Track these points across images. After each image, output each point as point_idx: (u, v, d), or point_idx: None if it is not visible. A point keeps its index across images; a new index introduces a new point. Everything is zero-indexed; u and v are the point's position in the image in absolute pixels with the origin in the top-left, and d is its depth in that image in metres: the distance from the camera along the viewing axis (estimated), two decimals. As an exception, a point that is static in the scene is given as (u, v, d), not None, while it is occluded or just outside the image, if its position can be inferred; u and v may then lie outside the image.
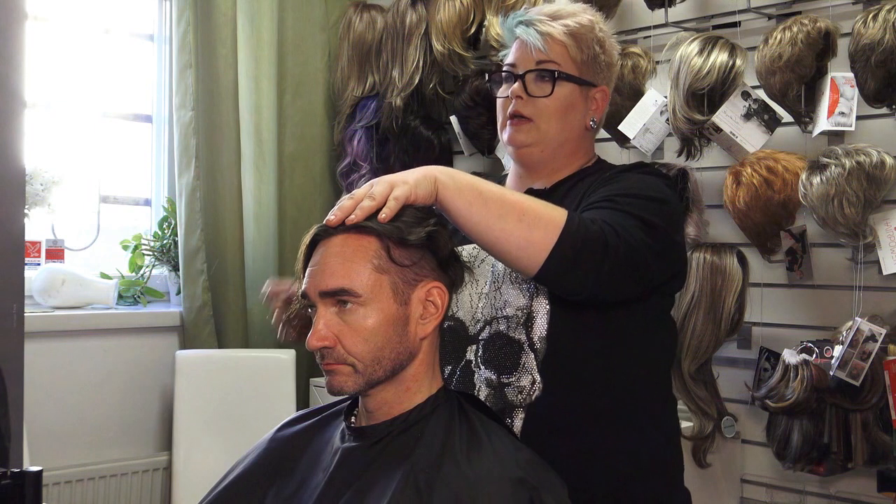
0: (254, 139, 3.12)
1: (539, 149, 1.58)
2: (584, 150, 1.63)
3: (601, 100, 1.61)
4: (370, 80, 3.20)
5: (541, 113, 1.56)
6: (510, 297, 1.50)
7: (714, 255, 2.34)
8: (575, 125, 1.59)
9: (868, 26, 2.12)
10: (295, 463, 1.33)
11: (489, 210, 1.28)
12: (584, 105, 1.59)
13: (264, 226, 3.14)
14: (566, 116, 1.57)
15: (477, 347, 1.52)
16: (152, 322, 2.99)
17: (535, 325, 1.48)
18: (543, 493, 1.19)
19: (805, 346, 2.22)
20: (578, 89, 1.58)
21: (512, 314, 1.50)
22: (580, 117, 1.59)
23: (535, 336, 1.48)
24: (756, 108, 2.30)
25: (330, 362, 1.24)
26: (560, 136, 1.58)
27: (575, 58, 1.57)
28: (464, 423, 1.27)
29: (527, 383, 1.47)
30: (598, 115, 1.62)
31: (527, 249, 1.30)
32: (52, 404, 2.74)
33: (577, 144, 1.61)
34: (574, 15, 1.58)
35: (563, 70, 1.56)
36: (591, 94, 1.60)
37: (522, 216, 1.29)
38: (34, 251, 2.81)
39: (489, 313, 1.52)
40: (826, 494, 2.34)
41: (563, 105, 1.57)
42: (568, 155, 1.60)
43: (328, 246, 1.26)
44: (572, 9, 1.60)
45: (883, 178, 2.12)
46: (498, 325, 1.51)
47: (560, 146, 1.59)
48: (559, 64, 1.56)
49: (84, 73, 2.99)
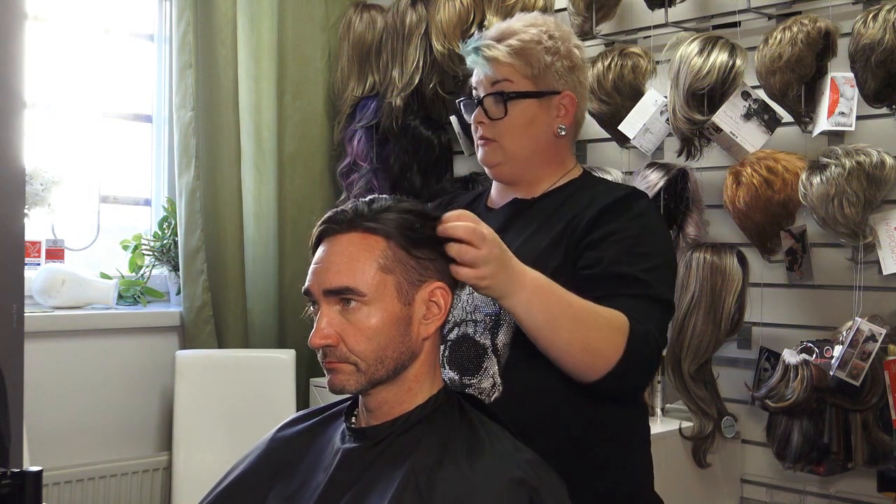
0: (254, 139, 3.12)
1: (509, 166, 1.61)
2: (560, 158, 1.64)
3: (569, 105, 1.61)
4: (370, 80, 3.20)
5: (502, 133, 1.59)
6: (480, 303, 1.53)
7: (714, 255, 2.34)
8: (541, 137, 1.60)
9: (868, 26, 2.12)
10: (295, 464, 1.33)
11: (560, 330, 1.37)
12: (546, 115, 1.60)
13: (264, 226, 3.14)
14: (528, 131, 1.59)
15: (444, 348, 1.55)
16: (152, 322, 2.99)
17: (501, 332, 1.51)
18: (544, 494, 1.18)
19: (805, 346, 2.22)
20: (536, 102, 1.59)
21: (480, 319, 1.53)
22: (544, 128, 1.60)
23: (500, 343, 1.51)
24: (756, 108, 2.30)
25: (332, 361, 1.24)
26: (527, 150, 1.60)
27: (526, 73, 1.58)
28: (464, 423, 1.27)
29: (487, 385, 1.50)
30: (567, 120, 1.62)
31: (584, 372, 1.40)
32: (52, 404, 2.74)
33: (549, 153, 1.62)
34: (518, 32, 1.59)
35: (515, 88, 1.58)
36: (556, 102, 1.60)
37: (589, 342, 1.37)
38: (34, 251, 2.80)
39: (460, 316, 1.55)
40: (826, 494, 2.34)
41: (522, 122, 1.59)
42: (543, 165, 1.62)
43: (334, 244, 1.27)
44: (521, 23, 1.61)
45: (883, 178, 2.12)
46: (466, 327, 1.54)
47: (530, 159, 1.61)
48: (513, 82, 1.58)
49: (84, 73, 2.99)
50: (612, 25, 2.71)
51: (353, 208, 1.28)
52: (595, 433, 1.51)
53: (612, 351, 1.38)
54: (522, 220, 1.60)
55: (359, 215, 1.27)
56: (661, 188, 2.40)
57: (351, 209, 1.28)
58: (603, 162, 2.74)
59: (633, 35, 2.66)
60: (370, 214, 1.26)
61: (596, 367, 1.38)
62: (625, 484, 1.55)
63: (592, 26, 2.62)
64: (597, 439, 1.51)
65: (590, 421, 1.50)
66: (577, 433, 1.50)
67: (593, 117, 2.62)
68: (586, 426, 1.50)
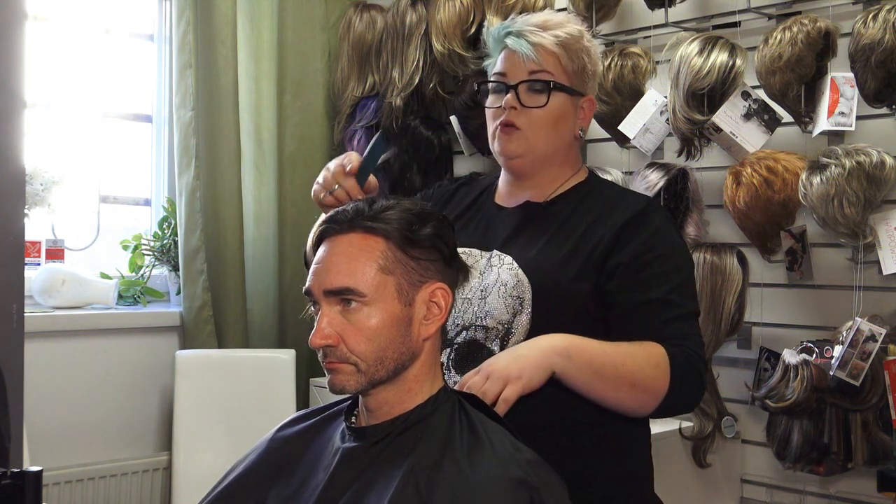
0: (254, 139, 3.12)
1: (529, 159, 1.59)
2: (572, 160, 1.65)
3: (588, 109, 1.63)
4: (370, 80, 3.20)
5: (533, 123, 1.57)
6: (493, 309, 1.52)
7: (714, 255, 2.34)
8: (565, 135, 1.60)
9: (868, 26, 2.12)
10: (295, 463, 1.33)
11: (604, 384, 1.43)
12: (573, 114, 1.60)
13: (264, 226, 3.14)
14: (557, 127, 1.58)
15: (450, 351, 1.54)
16: (152, 322, 2.99)
17: (512, 341, 1.51)
18: (544, 494, 1.18)
19: (805, 346, 2.22)
20: (570, 99, 1.59)
21: (492, 326, 1.52)
22: (570, 127, 1.61)
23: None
24: (756, 108, 2.30)
25: (332, 361, 1.24)
26: (550, 147, 1.59)
27: (566, 68, 1.57)
28: (464, 423, 1.27)
29: None
30: (586, 123, 1.64)
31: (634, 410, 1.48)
32: (52, 404, 2.74)
33: (566, 154, 1.63)
34: (562, 25, 1.59)
35: (556, 80, 1.56)
36: (580, 104, 1.61)
37: (634, 385, 1.44)
38: (34, 251, 2.80)
39: (469, 319, 1.54)
40: (826, 494, 2.34)
41: (556, 115, 1.57)
42: (558, 165, 1.62)
43: (334, 244, 1.27)
44: (559, 18, 1.61)
45: (883, 178, 2.12)
46: (475, 332, 1.53)
47: (550, 156, 1.60)
48: (552, 74, 1.56)
49: (84, 73, 2.99)
50: (612, 25, 2.71)
51: (353, 208, 1.28)
52: (595, 434, 1.51)
53: (659, 384, 1.44)
54: (535, 224, 1.58)
55: (359, 215, 1.27)
56: (661, 188, 2.40)
57: (352, 209, 1.28)
58: (603, 162, 2.74)
59: (633, 35, 2.66)
60: (370, 214, 1.26)
61: (647, 404, 1.46)
62: (624, 485, 1.55)
63: (592, 26, 2.61)
64: (597, 440, 1.51)
65: (590, 423, 1.50)
66: (577, 435, 1.50)
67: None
68: (586, 428, 1.50)
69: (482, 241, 1.60)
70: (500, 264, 1.54)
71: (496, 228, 1.62)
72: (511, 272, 1.53)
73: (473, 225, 1.64)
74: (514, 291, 1.51)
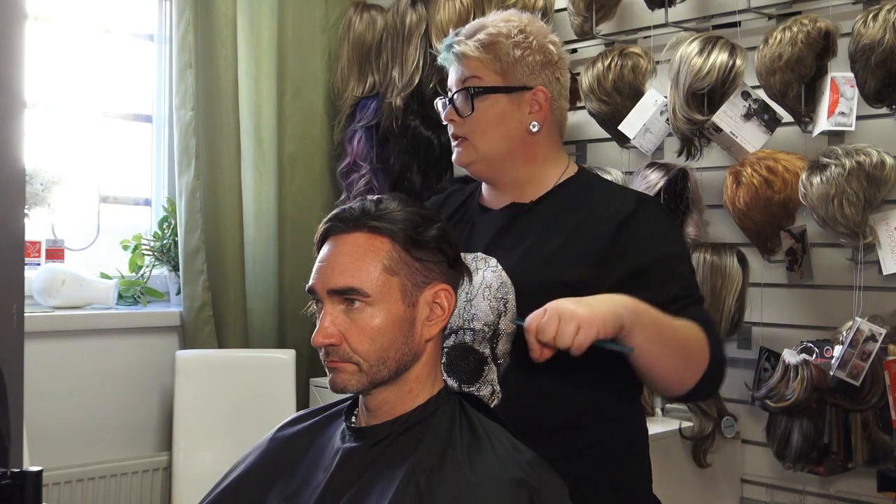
0: (254, 139, 3.12)
1: (483, 164, 1.58)
2: (541, 155, 1.59)
3: (542, 100, 1.56)
4: (370, 80, 3.20)
5: (473, 130, 1.56)
6: (479, 312, 1.51)
7: (714, 255, 2.34)
8: (512, 133, 1.56)
9: (868, 26, 2.12)
10: (295, 463, 1.33)
11: (663, 348, 1.39)
12: (518, 111, 1.55)
13: (264, 226, 3.13)
14: (497, 128, 1.55)
15: (441, 356, 1.53)
16: (152, 322, 2.99)
17: (500, 342, 1.51)
18: (544, 494, 1.18)
19: (805, 346, 2.22)
20: (506, 98, 1.55)
21: (479, 328, 1.52)
22: (516, 125, 1.56)
23: (500, 351, 1.51)
24: (756, 108, 2.30)
25: (335, 360, 1.24)
26: (500, 148, 1.56)
27: (495, 68, 1.54)
28: (465, 424, 1.27)
29: (487, 392, 1.50)
30: (541, 116, 1.56)
31: (679, 383, 1.45)
32: (52, 404, 2.73)
33: (525, 151, 1.57)
34: (488, 27, 1.56)
35: (484, 83, 1.54)
36: (527, 98, 1.56)
37: (683, 352, 1.42)
38: (34, 251, 2.80)
39: (457, 323, 1.53)
40: (826, 494, 2.34)
41: (491, 118, 1.55)
42: (521, 164, 1.58)
43: (339, 243, 1.26)
44: (493, 19, 1.58)
45: (883, 178, 2.12)
46: (464, 335, 1.53)
47: (504, 157, 1.57)
48: (481, 78, 1.55)
49: (84, 73, 2.99)
50: (612, 25, 2.71)
51: (360, 207, 1.28)
52: (595, 436, 1.51)
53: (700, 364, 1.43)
54: (521, 225, 1.56)
55: (365, 214, 1.27)
56: (661, 188, 2.40)
57: (358, 208, 1.28)
58: (603, 162, 2.74)
59: (633, 35, 2.66)
60: (376, 214, 1.26)
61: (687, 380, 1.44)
62: (623, 486, 1.55)
63: (592, 26, 2.62)
64: (596, 442, 1.51)
65: (589, 423, 1.50)
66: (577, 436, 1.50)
67: (593, 117, 2.62)
68: (586, 429, 1.50)
69: (467, 243, 1.59)
70: (486, 266, 1.54)
71: (481, 230, 1.61)
72: (495, 274, 1.52)
73: (460, 228, 1.64)
74: (497, 293, 1.51)
